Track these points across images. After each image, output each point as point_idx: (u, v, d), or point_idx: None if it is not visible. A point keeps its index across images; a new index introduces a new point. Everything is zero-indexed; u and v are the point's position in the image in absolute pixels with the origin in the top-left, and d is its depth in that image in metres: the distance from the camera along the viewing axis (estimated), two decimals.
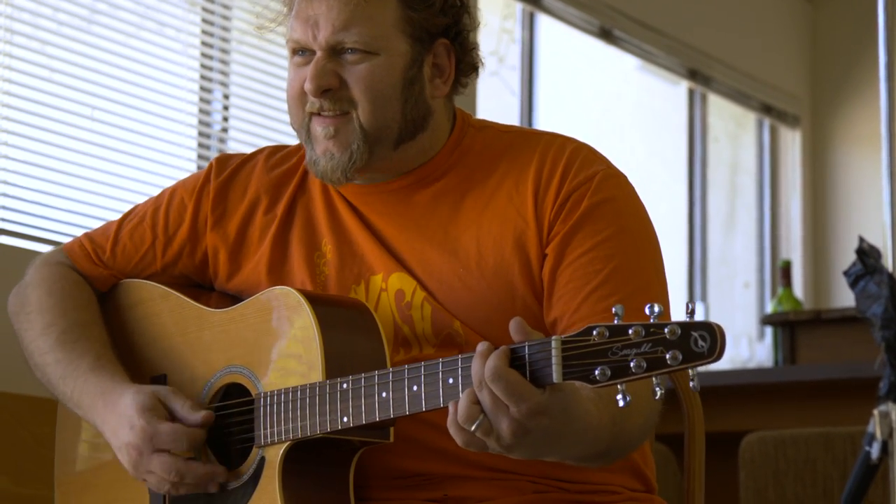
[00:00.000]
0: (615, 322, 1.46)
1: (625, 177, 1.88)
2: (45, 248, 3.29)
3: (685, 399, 2.03)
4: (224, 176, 2.00)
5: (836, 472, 3.23)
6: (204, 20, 3.84)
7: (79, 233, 3.33)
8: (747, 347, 5.49)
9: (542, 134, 1.92)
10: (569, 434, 1.56)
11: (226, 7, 3.90)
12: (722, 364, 4.74)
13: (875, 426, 2.62)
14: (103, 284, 2.03)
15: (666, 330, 1.42)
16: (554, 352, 1.48)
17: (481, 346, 1.53)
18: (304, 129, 1.86)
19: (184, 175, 3.71)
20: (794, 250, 6.33)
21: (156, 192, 3.51)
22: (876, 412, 2.61)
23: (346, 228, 1.91)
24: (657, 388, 1.44)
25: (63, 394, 1.92)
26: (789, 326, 4.21)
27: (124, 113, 3.57)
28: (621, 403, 1.45)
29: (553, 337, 1.49)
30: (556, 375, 1.48)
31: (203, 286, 2.02)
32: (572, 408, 1.54)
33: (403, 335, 1.84)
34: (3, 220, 3.26)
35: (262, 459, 1.75)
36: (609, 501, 1.84)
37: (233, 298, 1.95)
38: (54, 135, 3.40)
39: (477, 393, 1.51)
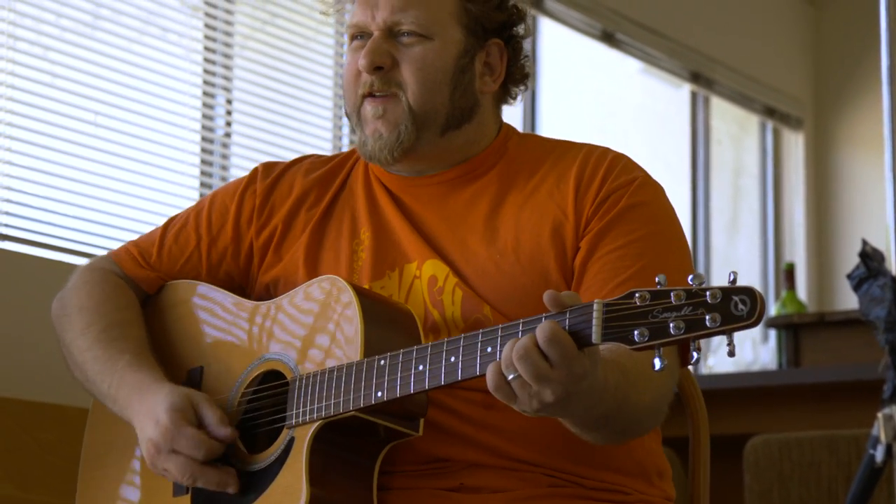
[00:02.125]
0: (658, 289, 1.49)
1: (661, 187, 1.94)
2: (48, 255, 3.31)
3: (690, 402, 2.05)
4: (270, 179, 2.06)
5: (840, 475, 3.24)
6: (207, 26, 3.85)
7: (82, 239, 3.39)
8: (751, 350, 5.48)
9: (584, 143, 1.98)
10: (591, 396, 1.59)
11: (228, 13, 3.91)
12: (726, 367, 4.72)
13: (879, 429, 2.63)
14: (150, 287, 2.07)
15: (708, 294, 1.45)
16: (595, 314, 1.52)
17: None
18: (355, 111, 1.93)
19: (187, 180, 3.76)
20: (798, 253, 6.34)
21: (159, 197, 3.59)
22: (880, 415, 2.63)
23: (384, 217, 1.96)
24: (693, 353, 1.47)
25: (100, 390, 1.95)
26: (793, 329, 4.22)
27: (127, 118, 3.58)
28: (658, 366, 1.48)
29: (595, 300, 1.53)
30: (595, 336, 1.51)
31: (245, 291, 2.06)
32: (599, 372, 1.59)
33: (433, 320, 1.87)
34: (7, 225, 3.26)
35: (292, 440, 1.77)
36: (620, 501, 1.87)
37: (271, 297, 1.99)
38: (57, 140, 3.40)
39: (523, 356, 1.53)
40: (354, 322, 1.76)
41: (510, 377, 1.55)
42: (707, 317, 1.45)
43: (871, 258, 2.72)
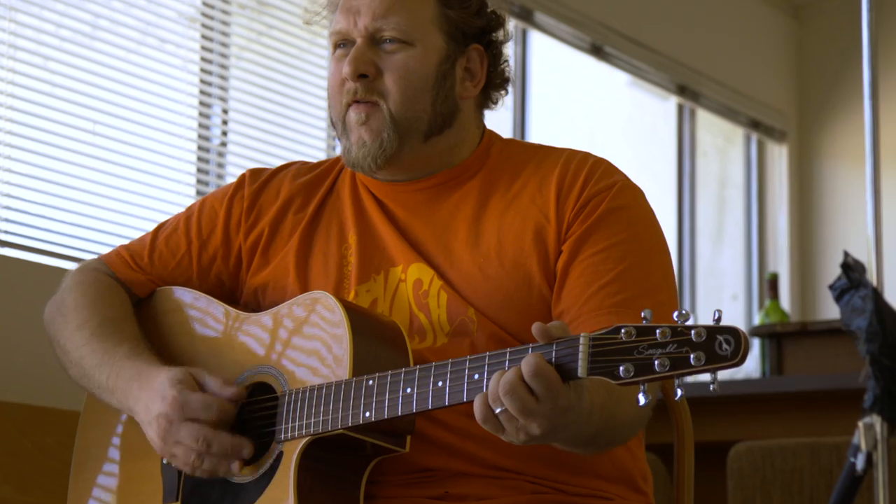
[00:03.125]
0: (643, 324, 1.50)
1: (641, 190, 1.94)
2: (46, 261, 3.32)
3: (674, 409, 2.05)
4: (258, 184, 2.06)
5: (822, 482, 3.23)
6: (203, 36, 3.86)
7: (80, 245, 3.41)
8: None
9: (565, 149, 1.99)
10: (578, 424, 1.61)
11: (225, 24, 3.92)
12: (706, 374, 4.67)
13: (860, 438, 2.64)
14: (141, 289, 2.07)
15: (692, 332, 1.46)
16: (581, 348, 1.52)
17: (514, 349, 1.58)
18: (340, 119, 1.93)
19: (183, 188, 3.78)
20: (781, 263, 6.34)
21: (155, 205, 3.61)
22: (861, 424, 2.63)
23: (370, 222, 1.97)
24: (678, 390, 1.48)
25: (98, 382, 1.94)
26: (776, 338, 4.21)
27: (125, 127, 3.59)
28: (642, 402, 1.48)
29: (582, 334, 1.53)
30: (581, 370, 1.51)
31: (235, 300, 2.05)
32: (585, 401, 1.59)
33: (419, 323, 1.88)
34: (6, 232, 3.28)
35: (280, 454, 1.77)
36: None
37: (262, 307, 1.99)
38: (56, 148, 3.42)
39: (509, 391, 1.54)
40: (343, 339, 1.76)
41: (497, 410, 1.55)
42: (692, 356, 1.45)
43: (852, 269, 2.73)
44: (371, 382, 1.70)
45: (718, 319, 1.47)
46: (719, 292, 6.25)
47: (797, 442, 3.31)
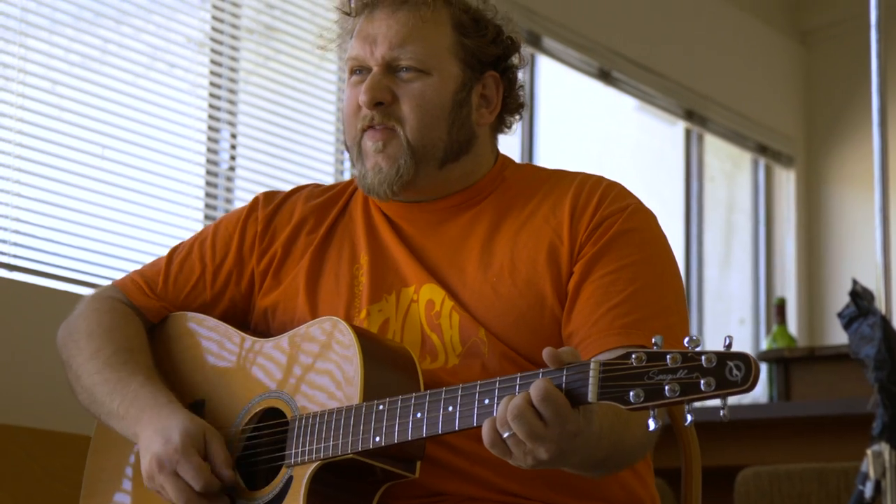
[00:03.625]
0: (654, 350, 1.50)
1: (653, 214, 1.95)
2: (54, 284, 3.33)
3: (682, 434, 2.06)
4: (272, 207, 2.08)
5: None
6: (212, 61, 3.87)
7: (89, 269, 3.42)
8: None
9: (578, 172, 2.00)
10: (586, 449, 1.61)
11: (233, 48, 3.93)
12: (716, 400, 4.67)
13: (868, 466, 2.64)
14: (156, 316, 2.08)
15: (703, 358, 1.46)
16: (592, 373, 1.52)
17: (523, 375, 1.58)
18: (356, 145, 1.94)
19: (191, 212, 3.79)
20: (789, 288, 6.33)
21: (164, 228, 3.62)
22: (869, 452, 2.63)
23: (382, 242, 1.98)
24: (688, 416, 1.47)
25: (108, 409, 1.94)
26: (784, 363, 4.21)
27: (134, 151, 3.60)
28: (652, 427, 1.49)
29: (593, 359, 1.53)
30: (591, 395, 1.52)
31: (246, 324, 2.06)
32: (594, 425, 1.60)
33: (431, 344, 1.89)
34: (15, 256, 3.28)
35: (290, 479, 1.78)
36: None
37: (272, 327, 2.00)
38: (65, 172, 3.43)
39: (517, 416, 1.54)
40: (354, 363, 1.77)
41: (505, 435, 1.56)
42: (702, 381, 1.45)
43: (861, 297, 2.73)
44: (381, 407, 1.70)
45: (729, 345, 1.47)
46: (727, 316, 6.25)
47: (805, 467, 3.31)
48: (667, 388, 1.47)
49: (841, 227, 6.36)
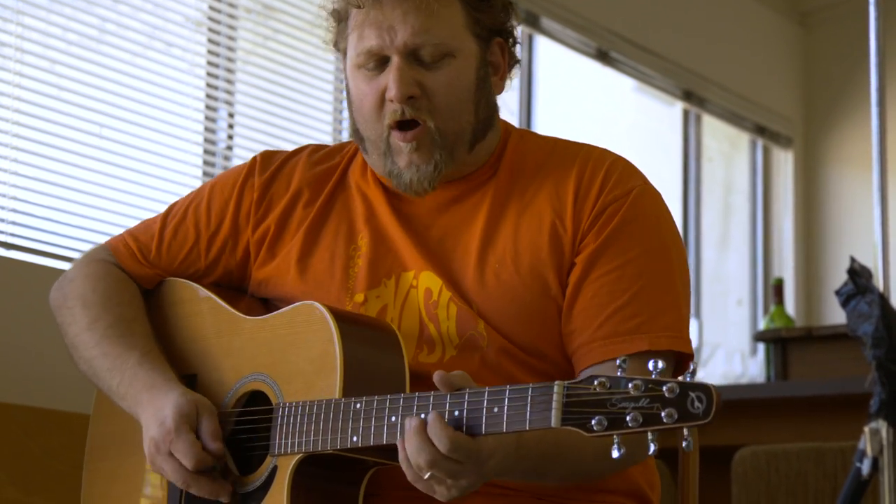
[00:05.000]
0: (619, 374, 1.46)
1: (659, 194, 1.91)
2: (52, 263, 3.33)
3: None
4: (269, 173, 2.00)
5: (826, 487, 3.23)
6: (210, 41, 3.87)
7: (86, 248, 3.40)
8: (740, 363, 5.51)
9: (581, 144, 1.94)
10: (508, 460, 1.60)
11: (231, 28, 3.93)
12: (715, 379, 4.72)
13: (866, 443, 2.64)
14: (149, 282, 2.04)
15: (665, 388, 1.42)
16: (555, 396, 1.48)
17: (416, 425, 1.57)
18: (383, 141, 1.85)
19: (189, 191, 3.77)
20: (787, 268, 6.34)
21: (161, 207, 3.58)
22: (867, 429, 2.64)
23: (382, 224, 1.92)
24: (651, 444, 1.43)
25: (109, 386, 1.93)
26: (781, 343, 4.21)
27: (131, 131, 3.60)
28: (615, 455, 1.45)
29: (556, 382, 1.50)
30: (554, 420, 1.48)
31: (243, 289, 2.03)
32: (508, 437, 1.58)
33: (429, 334, 1.85)
34: (13, 234, 3.29)
35: (275, 468, 1.77)
36: None
37: (265, 305, 1.98)
38: (63, 152, 3.43)
39: (432, 465, 1.56)
40: (334, 351, 1.74)
41: (425, 476, 1.57)
42: (663, 413, 1.42)
43: (858, 275, 2.73)
44: (358, 406, 1.68)
45: (693, 371, 1.44)
46: (724, 297, 6.26)
47: (802, 447, 3.31)
48: (629, 416, 1.43)
49: (838, 209, 6.36)
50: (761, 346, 4.60)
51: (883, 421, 2.62)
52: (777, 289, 4.72)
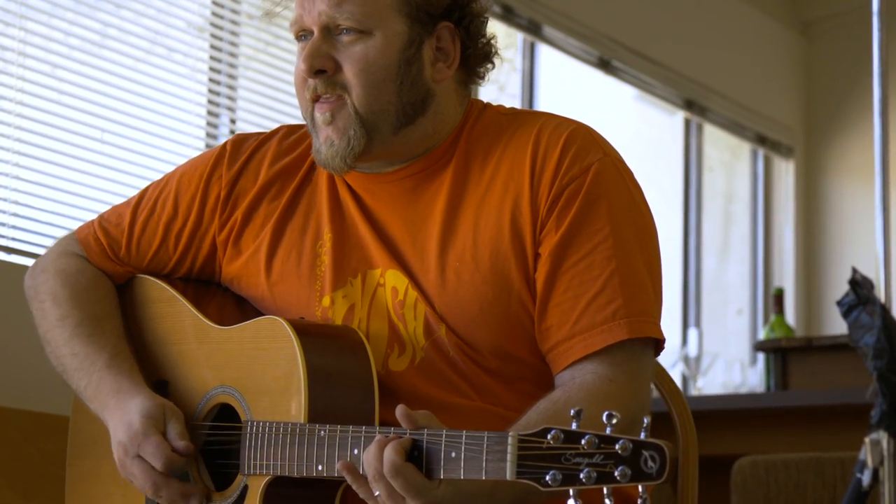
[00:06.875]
0: (573, 426, 1.43)
1: (621, 162, 1.84)
2: None
3: (679, 422, 2.05)
4: (237, 166, 1.97)
5: (826, 497, 3.23)
6: (212, 46, 3.87)
7: None
8: (740, 373, 5.51)
9: (538, 115, 1.88)
10: (459, 495, 1.57)
11: (233, 34, 3.94)
12: (715, 389, 4.71)
13: (866, 454, 2.64)
14: (120, 279, 2.02)
15: (618, 445, 1.40)
16: (510, 448, 1.46)
17: (380, 438, 1.56)
18: (309, 116, 1.84)
19: None
20: (787, 278, 6.35)
21: None
22: (867, 440, 2.63)
23: (348, 219, 1.88)
24: (607, 500, 1.41)
25: (77, 386, 1.92)
26: (781, 353, 4.20)
27: (133, 136, 3.61)
28: None
29: (510, 433, 1.47)
30: (509, 473, 1.46)
31: (214, 282, 2.01)
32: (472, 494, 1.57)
33: (399, 333, 1.81)
34: (14, 239, 3.29)
35: (246, 487, 1.76)
36: None
37: (234, 305, 1.96)
38: (65, 156, 3.44)
39: (375, 483, 1.55)
40: (298, 374, 1.72)
41: (376, 494, 1.56)
42: (616, 472, 1.40)
43: (860, 286, 2.73)
44: (322, 434, 1.66)
45: (648, 427, 1.42)
46: (724, 307, 6.26)
47: (801, 457, 3.31)
48: (583, 473, 1.41)
49: (839, 219, 6.37)
50: (761, 356, 4.60)
51: (884, 432, 2.62)
52: (777, 298, 4.72)
